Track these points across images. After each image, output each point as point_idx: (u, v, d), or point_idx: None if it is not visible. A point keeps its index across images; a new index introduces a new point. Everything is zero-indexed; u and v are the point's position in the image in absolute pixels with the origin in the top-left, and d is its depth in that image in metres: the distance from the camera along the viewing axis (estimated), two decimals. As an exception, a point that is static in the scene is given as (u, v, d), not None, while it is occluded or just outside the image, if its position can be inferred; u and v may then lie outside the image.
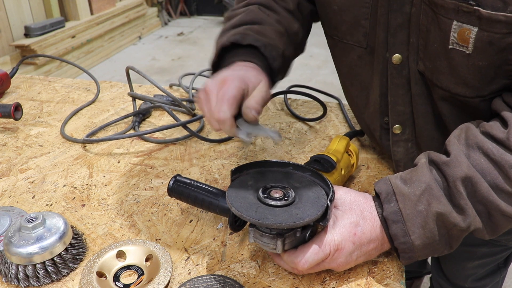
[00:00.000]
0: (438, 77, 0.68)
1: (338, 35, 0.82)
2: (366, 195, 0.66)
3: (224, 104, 0.62)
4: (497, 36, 0.58)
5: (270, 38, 0.77)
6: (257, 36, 0.75)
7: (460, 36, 0.61)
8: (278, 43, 0.78)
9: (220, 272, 0.65)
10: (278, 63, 0.77)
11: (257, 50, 0.75)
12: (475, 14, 0.58)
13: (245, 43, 0.74)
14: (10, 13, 4.00)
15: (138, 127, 1.07)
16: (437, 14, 0.63)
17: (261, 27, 0.78)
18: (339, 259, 0.61)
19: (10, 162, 0.94)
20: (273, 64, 0.76)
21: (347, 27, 0.78)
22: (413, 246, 0.60)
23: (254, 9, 0.82)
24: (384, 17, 0.71)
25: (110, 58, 5.12)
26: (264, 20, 0.80)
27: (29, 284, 0.63)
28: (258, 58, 0.75)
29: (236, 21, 0.80)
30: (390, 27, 0.71)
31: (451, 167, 0.59)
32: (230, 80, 0.64)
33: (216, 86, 0.64)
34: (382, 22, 0.72)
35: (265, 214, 0.58)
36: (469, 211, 0.58)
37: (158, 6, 6.39)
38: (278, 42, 0.78)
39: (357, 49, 0.79)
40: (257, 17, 0.80)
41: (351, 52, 0.81)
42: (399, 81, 0.74)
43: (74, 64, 1.41)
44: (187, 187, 0.69)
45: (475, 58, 0.62)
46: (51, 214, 0.68)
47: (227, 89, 0.63)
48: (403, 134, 0.80)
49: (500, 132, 0.59)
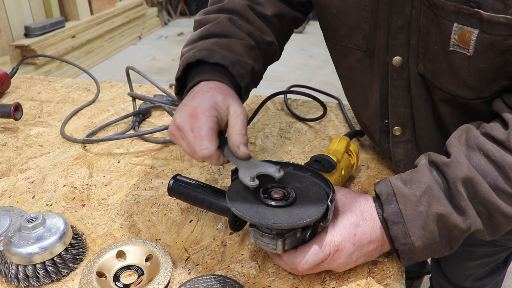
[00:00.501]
0: (439, 79, 0.68)
1: (337, 38, 0.81)
2: (366, 196, 0.66)
3: (204, 140, 0.59)
4: (498, 38, 0.58)
5: (238, 54, 0.73)
6: (225, 52, 0.71)
7: (461, 38, 0.61)
8: (246, 59, 0.74)
9: (220, 272, 0.65)
10: (247, 81, 0.73)
11: (225, 68, 0.71)
12: (476, 16, 0.58)
13: (211, 61, 0.70)
14: (10, 13, 4.00)
15: (138, 127, 1.07)
16: (438, 16, 0.63)
17: (229, 40, 0.75)
18: (339, 259, 0.61)
19: (10, 162, 0.94)
20: (242, 82, 0.72)
21: (346, 30, 0.78)
22: (414, 247, 0.60)
23: (224, 21, 0.78)
24: (385, 20, 0.71)
25: (110, 58, 5.12)
26: (234, 33, 0.77)
27: (29, 284, 0.63)
28: (225, 76, 0.71)
29: (204, 32, 0.77)
30: (390, 30, 0.71)
31: (451, 168, 0.59)
32: (200, 113, 0.60)
33: (187, 121, 0.61)
34: (383, 25, 0.72)
35: (266, 214, 0.58)
36: (470, 212, 0.58)
37: (158, 6, 6.39)
38: (247, 58, 0.75)
39: (356, 52, 0.79)
40: (226, 29, 0.77)
41: (350, 55, 0.80)
42: (400, 83, 0.74)
43: (74, 64, 1.41)
44: (187, 187, 0.69)
45: (475, 60, 0.62)
46: (51, 214, 0.68)
47: (201, 123, 0.59)
48: (403, 136, 0.80)
49: (500, 133, 0.59)
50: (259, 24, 0.82)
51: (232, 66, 0.71)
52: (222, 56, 0.70)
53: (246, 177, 0.59)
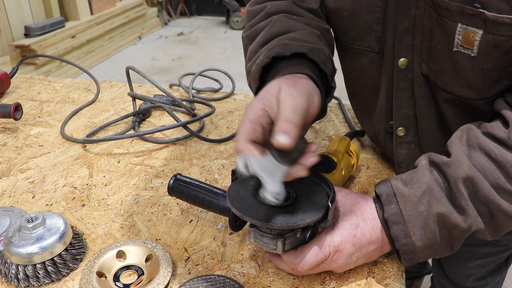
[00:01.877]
0: (442, 80, 0.68)
1: (348, 41, 0.80)
2: (366, 196, 0.66)
3: (240, 132, 0.54)
4: (502, 39, 0.58)
5: (311, 42, 0.67)
6: (298, 42, 0.65)
7: (465, 38, 0.61)
8: (321, 46, 0.69)
9: (220, 272, 0.65)
10: (329, 66, 0.67)
11: (303, 57, 0.65)
12: (480, 16, 0.58)
13: (288, 53, 0.64)
14: (10, 13, 4.00)
15: (138, 127, 1.07)
16: (442, 17, 0.62)
17: (295, 33, 0.69)
18: (339, 260, 0.61)
19: (10, 162, 0.94)
20: (325, 68, 0.66)
21: (357, 32, 0.77)
22: (414, 247, 0.60)
23: (279, 19, 0.73)
24: (393, 21, 0.71)
25: (110, 58, 5.12)
26: (295, 26, 0.71)
27: (29, 284, 0.63)
28: (306, 66, 0.65)
29: (263, 38, 0.70)
30: (397, 31, 0.70)
31: (452, 167, 0.59)
32: (249, 106, 0.56)
33: None
34: (391, 27, 0.71)
35: (266, 214, 0.57)
36: (470, 211, 0.58)
37: (158, 6, 6.39)
38: (320, 44, 0.70)
39: (368, 54, 0.77)
40: (286, 25, 0.71)
41: (362, 57, 0.79)
42: (404, 84, 0.74)
43: (74, 64, 1.41)
44: (188, 186, 0.69)
45: (479, 61, 0.61)
46: (51, 214, 0.68)
47: (244, 116, 0.56)
48: (406, 136, 0.80)
49: (501, 132, 0.59)
50: (311, 16, 0.78)
51: (311, 53, 0.65)
52: (298, 46, 0.65)
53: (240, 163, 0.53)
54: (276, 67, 0.66)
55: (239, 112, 1.16)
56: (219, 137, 1.02)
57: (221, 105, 1.20)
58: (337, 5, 0.77)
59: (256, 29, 0.75)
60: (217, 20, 6.78)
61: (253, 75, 0.67)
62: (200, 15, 7.11)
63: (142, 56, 5.21)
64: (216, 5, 6.45)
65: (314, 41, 0.69)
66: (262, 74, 0.67)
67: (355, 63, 0.82)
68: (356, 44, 0.79)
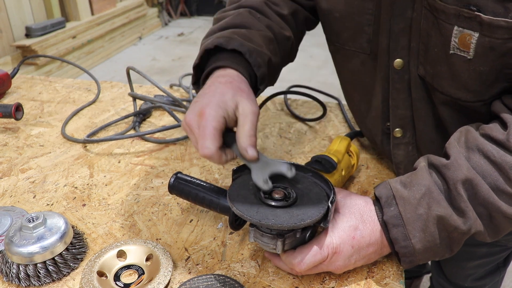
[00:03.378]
0: (439, 82, 0.68)
1: (340, 42, 0.81)
2: (366, 198, 0.66)
3: (206, 140, 0.59)
4: (498, 42, 0.58)
5: (256, 44, 0.73)
6: (243, 41, 0.71)
7: (461, 41, 0.61)
8: (265, 49, 0.75)
9: (220, 272, 0.66)
10: (263, 70, 0.73)
11: (242, 55, 0.71)
12: (476, 19, 0.58)
13: (229, 47, 0.70)
14: (11, 14, 4.00)
15: (138, 127, 1.07)
16: (438, 19, 0.63)
17: (248, 31, 0.75)
18: (337, 262, 0.61)
19: (11, 162, 0.94)
20: (258, 71, 0.72)
21: (349, 34, 0.78)
22: (414, 250, 0.60)
23: (243, 13, 0.79)
24: (387, 23, 0.71)
25: (110, 58, 5.12)
26: (253, 24, 0.77)
27: (30, 283, 0.63)
28: (242, 64, 0.71)
29: (224, 24, 0.78)
30: (392, 33, 0.71)
31: (451, 169, 0.59)
32: (207, 112, 0.61)
33: (195, 119, 0.62)
34: (385, 28, 0.72)
35: (266, 214, 0.58)
36: (470, 213, 0.58)
37: (159, 6, 6.39)
38: (265, 49, 0.75)
39: (360, 55, 0.78)
40: (246, 21, 0.77)
41: (354, 58, 0.80)
42: (400, 85, 0.74)
43: (75, 65, 1.42)
44: (188, 185, 0.69)
45: (476, 63, 0.61)
46: (52, 214, 0.68)
47: (206, 122, 0.60)
48: (403, 138, 0.80)
49: (500, 134, 0.58)
50: (277, 20, 0.83)
51: (249, 54, 0.71)
52: (240, 43, 0.71)
53: (259, 179, 0.60)
54: (217, 54, 0.73)
55: (239, 112, 1.16)
56: (219, 137, 1.03)
57: (222, 106, 1.20)
58: (329, 6, 0.79)
59: (223, 16, 0.82)
60: (218, 20, 6.78)
61: (198, 54, 0.74)
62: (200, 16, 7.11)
63: (142, 56, 5.21)
64: (216, 6, 6.45)
65: (260, 44, 0.74)
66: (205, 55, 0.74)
67: (347, 64, 0.83)
68: (348, 45, 0.80)
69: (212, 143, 0.60)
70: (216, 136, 0.60)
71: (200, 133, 0.60)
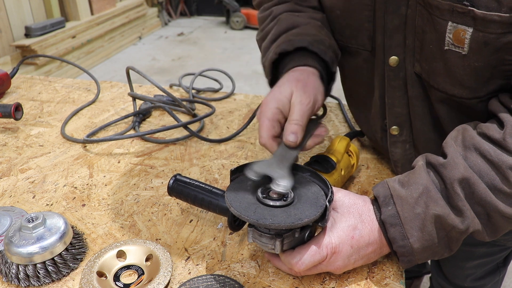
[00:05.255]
0: (435, 79, 0.68)
1: (343, 40, 0.81)
2: (365, 198, 0.66)
3: (261, 130, 0.67)
4: (492, 36, 0.58)
5: (313, 35, 0.77)
6: (300, 37, 0.75)
7: (456, 36, 0.61)
8: (321, 36, 0.78)
9: (220, 272, 0.65)
10: (330, 54, 0.76)
11: (306, 50, 0.75)
12: (470, 14, 0.58)
13: (292, 48, 0.75)
14: (11, 13, 4.00)
15: (138, 127, 1.07)
16: (432, 15, 0.63)
17: (299, 29, 0.78)
18: (337, 262, 0.61)
19: (11, 162, 0.94)
20: (325, 56, 0.76)
21: (350, 31, 0.78)
22: (412, 249, 0.60)
23: (284, 17, 0.82)
24: (381, 20, 0.71)
25: (110, 58, 5.12)
26: (299, 22, 0.80)
27: (30, 283, 0.63)
28: (309, 57, 0.75)
29: (272, 36, 0.80)
30: (386, 29, 0.71)
31: (448, 168, 0.59)
32: (264, 104, 0.68)
33: (258, 112, 0.70)
34: (380, 25, 0.72)
35: (264, 214, 0.58)
36: (467, 212, 0.58)
37: (158, 6, 6.39)
38: (322, 35, 0.78)
39: (362, 52, 0.79)
40: (291, 21, 0.80)
41: (357, 55, 0.80)
42: (396, 83, 0.74)
43: (75, 64, 1.42)
44: (187, 186, 0.69)
45: (471, 59, 0.62)
46: (51, 214, 0.68)
47: (262, 114, 0.68)
48: (400, 136, 0.80)
49: (496, 133, 0.58)
50: (312, 11, 0.85)
51: (311, 45, 0.75)
52: (300, 40, 0.75)
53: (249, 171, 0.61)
54: (284, 61, 0.78)
55: (239, 112, 1.16)
56: (219, 137, 1.03)
57: (221, 105, 1.20)
58: (331, 3, 0.79)
59: (267, 31, 0.85)
60: (217, 20, 6.78)
61: (266, 69, 0.81)
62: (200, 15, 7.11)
63: (142, 56, 5.21)
64: (216, 5, 6.45)
65: (315, 33, 0.78)
66: (273, 68, 0.79)
67: (351, 61, 0.83)
68: (351, 42, 0.80)
69: (265, 133, 0.67)
70: (269, 126, 0.67)
71: (259, 124, 0.68)
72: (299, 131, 0.66)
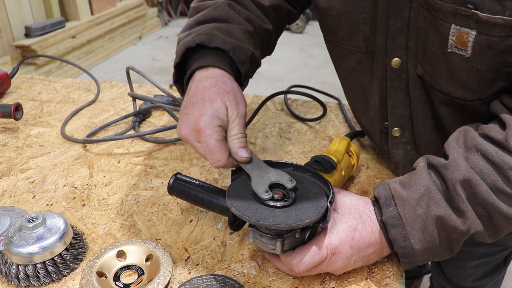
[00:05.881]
0: (437, 81, 0.68)
1: (337, 40, 0.81)
2: (365, 199, 0.66)
3: (214, 154, 0.61)
4: (495, 40, 0.58)
5: (238, 39, 0.73)
6: (225, 37, 0.70)
7: (459, 39, 0.61)
8: (246, 44, 0.74)
9: (220, 272, 0.65)
10: (247, 67, 0.73)
11: (225, 52, 0.71)
12: (473, 17, 0.58)
13: (212, 45, 0.69)
14: (11, 13, 4.00)
15: (138, 127, 1.07)
16: (436, 18, 0.63)
17: (229, 25, 0.74)
18: (337, 263, 0.61)
19: (11, 162, 0.94)
20: (242, 68, 0.72)
21: (345, 32, 0.78)
22: (413, 250, 0.60)
23: (223, 5, 0.78)
24: (384, 22, 0.71)
25: (110, 58, 5.12)
26: (233, 18, 0.76)
27: (30, 283, 0.63)
28: (226, 61, 0.71)
29: (202, 17, 0.76)
30: (389, 32, 0.71)
31: (449, 170, 0.59)
32: (203, 127, 0.62)
33: (192, 134, 0.63)
34: (382, 27, 0.72)
35: (265, 214, 0.58)
36: (469, 214, 0.58)
37: (158, 6, 6.39)
38: (247, 43, 0.74)
39: (356, 54, 0.79)
40: (226, 14, 0.76)
41: (350, 57, 0.80)
42: (398, 85, 0.74)
43: (75, 64, 1.42)
44: (187, 186, 0.69)
45: (474, 62, 0.61)
46: (51, 214, 0.68)
47: (206, 139, 0.61)
48: (402, 137, 0.80)
49: (498, 134, 0.58)
50: (257, 12, 0.82)
51: (233, 51, 0.70)
52: (223, 41, 0.70)
53: (259, 188, 0.61)
54: (199, 52, 0.71)
55: (239, 112, 1.16)
56: (219, 137, 1.02)
57: (221, 105, 1.20)
58: (326, 4, 0.78)
59: (202, 6, 0.80)
60: (217, 20, 6.78)
61: (179, 50, 0.73)
62: (200, 15, 7.11)
63: (142, 56, 5.21)
64: (216, 5, 6.45)
65: (242, 39, 0.74)
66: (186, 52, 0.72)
67: (344, 63, 0.83)
68: (344, 44, 0.80)
69: (221, 155, 0.62)
70: (222, 146, 0.62)
71: (206, 149, 0.62)
72: (245, 143, 0.64)
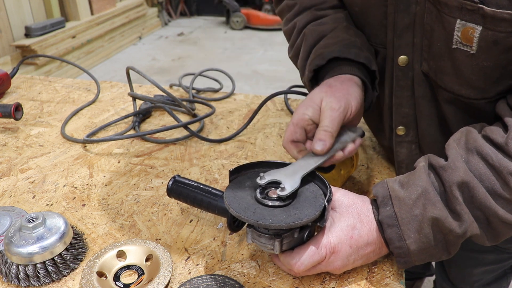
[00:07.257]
0: (442, 78, 0.67)
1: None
2: (364, 197, 0.65)
3: (285, 133, 0.69)
4: (502, 35, 0.57)
5: (341, 40, 0.75)
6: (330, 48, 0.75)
7: (464, 35, 0.60)
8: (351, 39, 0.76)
9: (220, 272, 0.65)
10: (364, 54, 0.74)
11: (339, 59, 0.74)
12: (479, 12, 0.57)
13: (324, 62, 0.74)
14: (11, 13, 4.00)
15: (138, 127, 1.07)
16: (441, 13, 0.62)
17: (327, 38, 0.77)
18: (336, 262, 0.61)
19: (11, 162, 0.94)
20: (359, 58, 0.73)
21: (370, 29, 0.77)
22: (409, 250, 0.59)
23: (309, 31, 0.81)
24: (392, 17, 0.70)
25: (110, 58, 5.12)
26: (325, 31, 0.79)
27: (30, 283, 0.63)
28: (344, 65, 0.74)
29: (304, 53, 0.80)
30: (396, 28, 0.70)
31: (447, 171, 0.58)
32: (295, 111, 0.69)
33: None
34: (390, 23, 0.71)
35: (263, 214, 0.58)
36: (465, 216, 0.57)
37: (158, 6, 6.39)
38: (351, 37, 0.76)
39: (381, 50, 0.77)
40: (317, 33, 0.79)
41: (378, 54, 0.78)
42: (404, 83, 0.74)
43: (75, 64, 1.42)
44: (186, 188, 0.69)
45: (479, 58, 0.60)
46: (51, 214, 0.68)
47: (291, 120, 0.69)
48: (406, 136, 0.79)
49: (499, 137, 0.57)
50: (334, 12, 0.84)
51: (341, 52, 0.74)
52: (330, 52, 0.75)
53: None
54: (320, 74, 0.78)
55: (239, 112, 1.16)
56: (219, 137, 1.03)
57: (221, 105, 1.20)
58: (349, 0, 0.79)
59: (297, 47, 0.85)
60: (217, 20, 6.78)
61: (306, 88, 0.82)
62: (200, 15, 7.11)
63: (142, 56, 5.21)
64: (216, 6, 6.45)
65: (344, 37, 0.76)
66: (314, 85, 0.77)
67: None
68: (371, 40, 0.78)
69: (286, 136, 0.69)
70: (292, 130, 0.68)
71: None
72: (328, 137, 0.65)
